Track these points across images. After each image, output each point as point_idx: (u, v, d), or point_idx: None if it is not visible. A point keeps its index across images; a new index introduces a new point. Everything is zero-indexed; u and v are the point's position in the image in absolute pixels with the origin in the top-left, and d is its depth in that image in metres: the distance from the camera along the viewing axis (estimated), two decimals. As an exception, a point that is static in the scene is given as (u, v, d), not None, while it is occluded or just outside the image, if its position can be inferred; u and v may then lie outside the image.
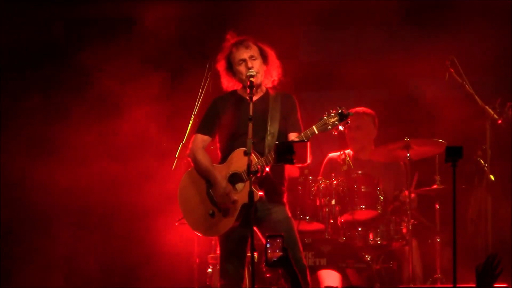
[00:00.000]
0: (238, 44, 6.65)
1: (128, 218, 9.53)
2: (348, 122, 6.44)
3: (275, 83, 6.72)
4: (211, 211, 6.55)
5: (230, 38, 6.73)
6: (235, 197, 6.47)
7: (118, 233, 9.54)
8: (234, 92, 6.76)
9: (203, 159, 6.61)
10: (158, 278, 9.05)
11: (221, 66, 6.72)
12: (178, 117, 8.85)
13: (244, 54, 6.61)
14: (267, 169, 6.43)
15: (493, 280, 4.74)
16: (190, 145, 6.72)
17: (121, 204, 9.56)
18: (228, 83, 6.74)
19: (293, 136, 6.56)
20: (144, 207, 9.42)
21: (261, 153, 6.47)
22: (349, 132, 8.67)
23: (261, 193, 6.38)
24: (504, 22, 9.32)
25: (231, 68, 6.67)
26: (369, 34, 10.04)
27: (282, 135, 6.60)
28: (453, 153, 5.51)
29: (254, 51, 6.63)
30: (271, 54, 6.70)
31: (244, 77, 6.59)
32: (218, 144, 6.74)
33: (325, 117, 6.40)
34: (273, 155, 6.34)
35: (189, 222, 6.65)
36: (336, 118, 6.38)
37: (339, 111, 6.39)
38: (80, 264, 9.53)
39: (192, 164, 6.68)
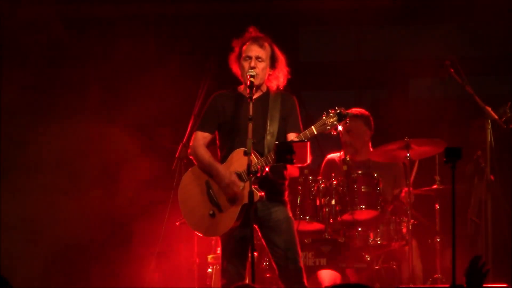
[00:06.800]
0: (253, 40, 6.64)
1: (128, 218, 9.53)
2: (347, 122, 6.46)
3: (281, 87, 6.71)
4: (211, 211, 6.54)
5: (252, 31, 6.71)
6: (241, 184, 6.44)
7: (117, 233, 9.54)
8: (234, 89, 6.76)
9: (205, 154, 6.61)
10: (158, 278, 9.03)
11: (233, 54, 6.71)
12: (178, 117, 8.85)
13: (253, 52, 6.60)
14: (267, 169, 6.43)
15: (481, 280, 4.76)
16: (191, 144, 6.72)
17: (121, 204, 9.57)
18: (236, 71, 6.73)
19: (292, 137, 6.55)
20: (144, 207, 9.42)
21: (260, 153, 6.46)
22: (342, 136, 8.61)
23: (261, 193, 6.38)
24: (504, 21, 9.33)
25: (239, 59, 6.67)
26: (369, 34, 10.05)
27: (282, 135, 6.60)
28: (452, 154, 5.51)
29: (264, 53, 6.61)
30: (282, 60, 6.69)
31: (244, 73, 6.59)
32: (217, 142, 6.73)
33: (323, 117, 6.41)
34: (273, 155, 6.35)
35: (189, 222, 6.64)
36: (334, 118, 6.39)
37: (338, 111, 6.40)
38: (79, 264, 9.53)
39: (195, 162, 6.67)
